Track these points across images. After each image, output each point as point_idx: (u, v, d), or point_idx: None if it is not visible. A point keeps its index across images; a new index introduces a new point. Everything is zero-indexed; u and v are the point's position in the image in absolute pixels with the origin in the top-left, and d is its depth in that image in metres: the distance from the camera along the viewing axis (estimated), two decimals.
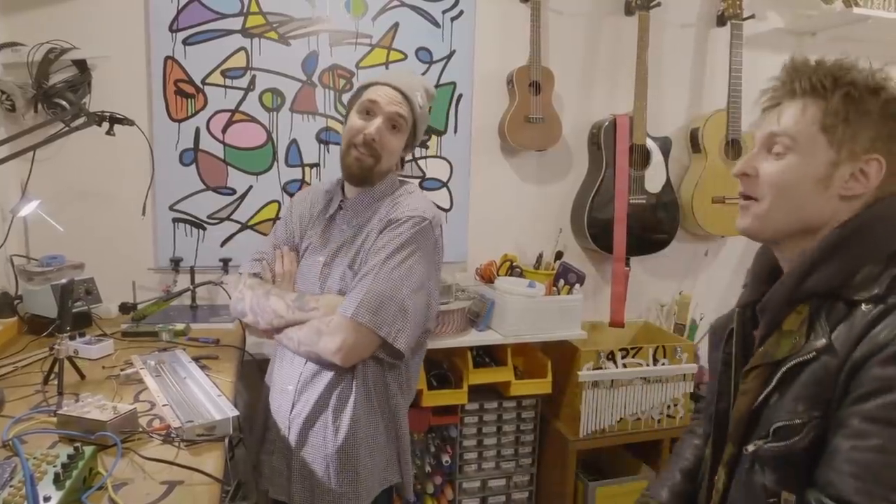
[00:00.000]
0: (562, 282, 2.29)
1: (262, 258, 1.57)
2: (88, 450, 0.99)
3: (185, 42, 2.07)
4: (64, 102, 1.81)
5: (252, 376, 2.11)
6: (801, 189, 0.88)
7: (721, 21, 2.59)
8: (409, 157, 2.36)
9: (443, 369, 2.24)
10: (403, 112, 1.41)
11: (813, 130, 0.87)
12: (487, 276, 2.35)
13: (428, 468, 2.24)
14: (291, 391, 1.43)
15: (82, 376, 1.41)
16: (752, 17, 2.54)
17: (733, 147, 2.54)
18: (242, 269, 1.57)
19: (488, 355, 2.32)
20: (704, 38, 2.66)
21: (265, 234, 2.22)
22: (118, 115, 1.58)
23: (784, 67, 0.94)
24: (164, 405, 1.25)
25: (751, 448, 0.88)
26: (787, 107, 0.90)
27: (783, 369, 0.85)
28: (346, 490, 1.36)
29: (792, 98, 0.90)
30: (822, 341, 0.83)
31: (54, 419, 1.15)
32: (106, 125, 1.57)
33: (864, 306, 0.82)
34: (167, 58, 2.06)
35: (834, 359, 0.81)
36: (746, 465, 0.90)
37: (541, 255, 2.45)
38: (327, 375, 1.37)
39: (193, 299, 2.10)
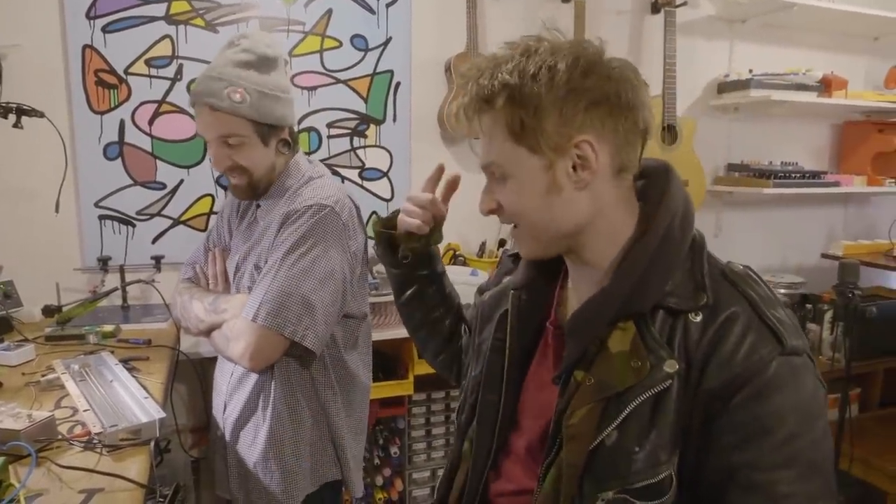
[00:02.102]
0: None
1: (195, 262, 1.55)
2: None
3: (105, 29, 1.97)
4: None
5: (191, 378, 2.05)
6: (537, 206, 0.78)
7: (655, 8, 2.63)
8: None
9: (388, 361, 2.22)
10: (224, 130, 1.27)
11: (509, 147, 0.77)
12: None
13: (377, 461, 2.22)
14: (224, 392, 1.41)
15: None
16: (685, 3, 2.59)
17: (669, 132, 2.59)
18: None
19: None
20: (639, 25, 2.69)
21: (199, 230, 2.15)
22: (25, 107, 1.48)
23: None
24: (85, 411, 1.19)
25: (610, 495, 0.74)
26: (480, 131, 0.80)
27: (633, 404, 0.73)
28: (276, 488, 1.33)
29: (477, 119, 0.79)
30: (671, 364, 0.72)
31: None
32: (13, 117, 1.47)
33: (692, 317, 0.74)
34: (85, 46, 1.96)
35: (686, 383, 0.72)
36: None
37: (484, 244, 2.45)
38: (254, 376, 1.34)
39: (124, 299, 2.01)
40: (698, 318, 0.74)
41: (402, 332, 2.10)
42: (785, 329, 0.72)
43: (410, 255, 1.07)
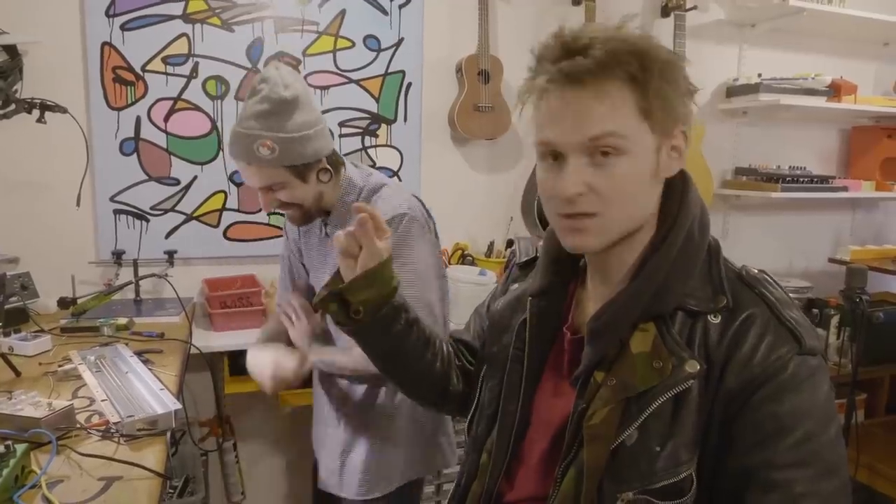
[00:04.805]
0: None
1: (280, 302, 1.62)
2: (20, 448, 0.96)
3: (123, 27, 2.00)
4: None
5: (202, 371, 2.08)
6: (642, 189, 0.76)
7: (665, 12, 2.65)
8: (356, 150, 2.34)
9: None
10: (265, 181, 1.34)
11: (635, 120, 0.73)
12: None
13: None
14: (335, 391, 1.50)
15: (17, 373, 1.36)
16: (695, 7, 2.60)
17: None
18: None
19: None
20: (649, 28, 2.70)
21: (212, 226, 2.19)
22: (49, 102, 1.52)
23: (557, 45, 0.73)
24: (103, 401, 1.21)
25: (630, 496, 0.75)
26: (592, 97, 0.71)
27: (655, 404, 0.74)
28: (393, 475, 1.44)
29: (594, 85, 0.71)
30: (692, 364, 0.73)
31: None
32: (36, 112, 1.51)
33: (711, 318, 0.76)
34: (104, 43, 1.99)
35: (706, 384, 0.73)
36: None
37: (492, 244, 2.47)
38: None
39: (137, 293, 2.04)
40: (717, 320, 0.75)
41: None
42: (802, 329, 0.74)
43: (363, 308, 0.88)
